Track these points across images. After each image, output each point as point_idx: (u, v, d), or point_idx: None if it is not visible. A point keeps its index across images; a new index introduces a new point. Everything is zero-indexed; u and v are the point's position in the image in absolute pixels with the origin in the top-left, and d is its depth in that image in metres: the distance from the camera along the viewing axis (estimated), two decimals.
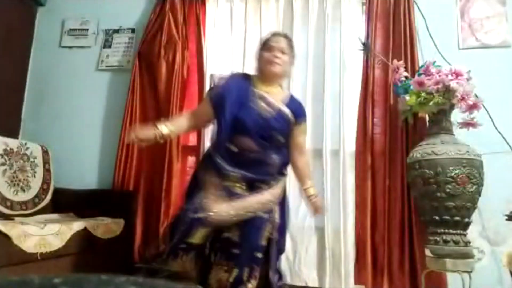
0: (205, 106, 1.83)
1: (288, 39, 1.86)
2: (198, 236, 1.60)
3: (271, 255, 1.71)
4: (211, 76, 2.63)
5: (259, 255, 1.64)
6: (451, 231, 1.86)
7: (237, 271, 1.57)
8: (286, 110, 1.76)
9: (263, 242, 1.66)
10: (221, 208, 1.60)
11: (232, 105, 1.69)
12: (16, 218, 2.04)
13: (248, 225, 1.63)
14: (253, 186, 1.68)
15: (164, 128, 1.72)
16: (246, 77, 1.86)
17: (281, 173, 1.79)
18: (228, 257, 1.61)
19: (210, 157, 1.73)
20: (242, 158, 1.68)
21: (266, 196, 1.67)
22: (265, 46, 1.81)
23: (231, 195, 1.63)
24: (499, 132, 2.22)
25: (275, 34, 1.87)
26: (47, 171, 2.50)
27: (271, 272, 1.70)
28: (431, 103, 1.97)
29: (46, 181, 2.48)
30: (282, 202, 1.80)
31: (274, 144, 1.73)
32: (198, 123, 1.95)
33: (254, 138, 1.68)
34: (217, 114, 1.73)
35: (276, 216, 1.74)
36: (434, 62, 2.11)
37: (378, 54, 2.40)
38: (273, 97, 1.77)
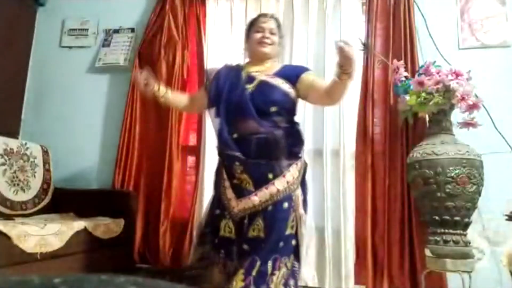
0: (201, 92, 1.93)
1: (276, 19, 1.85)
2: (223, 227, 1.65)
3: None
4: (206, 71, 2.58)
5: (282, 244, 1.58)
6: (451, 231, 1.86)
7: (259, 264, 1.53)
8: (275, 80, 1.71)
9: (289, 232, 1.61)
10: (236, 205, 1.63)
11: (224, 92, 1.71)
12: (16, 218, 2.04)
13: (272, 219, 1.58)
14: (262, 179, 1.60)
15: (163, 90, 1.86)
16: (237, 66, 1.87)
17: (295, 155, 1.69)
18: (254, 254, 1.57)
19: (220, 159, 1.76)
20: (247, 143, 1.62)
21: (278, 186, 1.60)
22: (254, 27, 1.81)
23: (241, 195, 1.62)
24: (499, 132, 2.22)
25: (262, 15, 1.86)
26: (47, 171, 2.50)
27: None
28: (431, 103, 1.97)
29: (46, 181, 2.48)
30: (303, 180, 1.73)
31: (275, 118, 1.67)
32: (193, 107, 2.03)
33: (252, 117, 1.63)
34: (212, 103, 1.75)
35: (299, 192, 1.66)
36: (434, 62, 2.11)
37: (378, 54, 2.40)
38: (262, 72, 1.74)
